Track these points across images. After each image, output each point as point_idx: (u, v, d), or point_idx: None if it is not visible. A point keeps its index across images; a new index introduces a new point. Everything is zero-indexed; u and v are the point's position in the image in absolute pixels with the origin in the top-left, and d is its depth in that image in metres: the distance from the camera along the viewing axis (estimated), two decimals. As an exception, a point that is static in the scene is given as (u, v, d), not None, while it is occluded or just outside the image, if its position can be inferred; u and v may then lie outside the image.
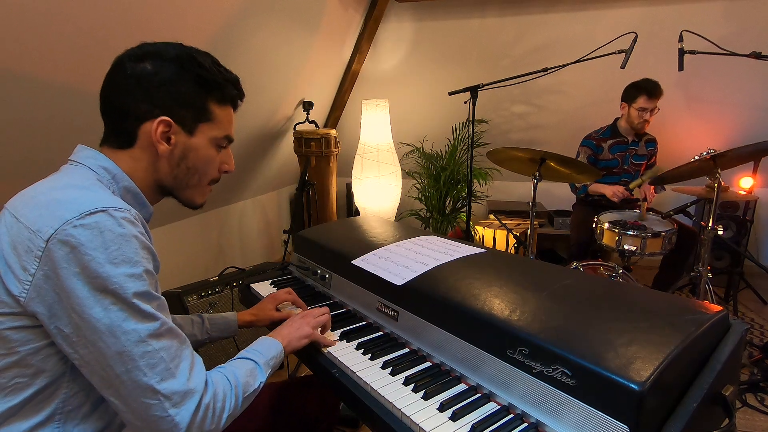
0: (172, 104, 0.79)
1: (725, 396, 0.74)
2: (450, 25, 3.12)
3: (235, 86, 0.88)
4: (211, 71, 0.83)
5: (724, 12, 2.66)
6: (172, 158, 0.82)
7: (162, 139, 0.80)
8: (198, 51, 0.84)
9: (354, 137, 3.50)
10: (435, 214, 3.61)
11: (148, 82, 0.78)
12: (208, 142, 0.85)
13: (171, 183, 0.85)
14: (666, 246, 2.12)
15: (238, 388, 0.80)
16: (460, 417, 0.79)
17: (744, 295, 3.00)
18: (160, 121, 0.78)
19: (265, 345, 0.93)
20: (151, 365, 0.68)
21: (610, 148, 2.66)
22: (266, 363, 0.88)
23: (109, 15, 1.51)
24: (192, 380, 0.71)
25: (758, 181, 3.18)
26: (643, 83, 2.46)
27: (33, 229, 0.66)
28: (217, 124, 0.85)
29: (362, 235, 1.44)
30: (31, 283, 0.66)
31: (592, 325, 0.79)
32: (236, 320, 1.19)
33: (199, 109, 0.82)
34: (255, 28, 2.22)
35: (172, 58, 0.79)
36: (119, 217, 0.68)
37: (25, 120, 1.53)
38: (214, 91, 0.83)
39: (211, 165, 0.88)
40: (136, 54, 0.79)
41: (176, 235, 2.63)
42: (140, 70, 0.78)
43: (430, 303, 0.98)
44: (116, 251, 0.67)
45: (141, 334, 0.67)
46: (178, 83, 0.79)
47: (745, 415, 1.88)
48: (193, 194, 0.89)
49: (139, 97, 0.78)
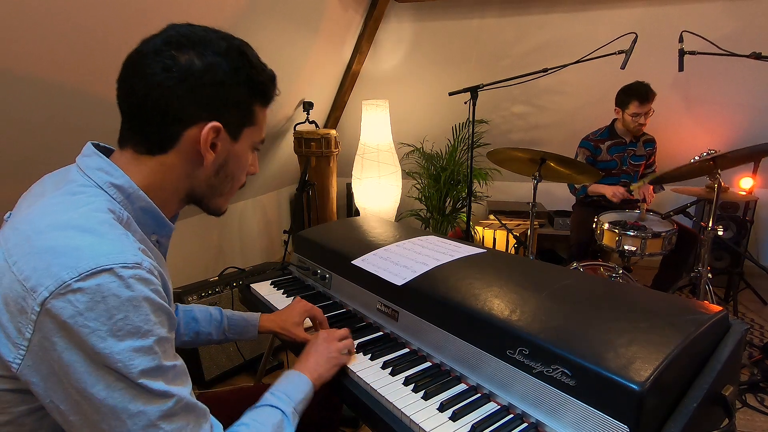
0: (222, 108, 0.69)
1: (725, 396, 0.74)
2: (450, 25, 3.12)
3: (275, 84, 0.78)
4: (259, 71, 0.73)
5: (724, 12, 2.66)
6: (213, 166, 0.73)
7: (210, 147, 0.70)
8: (244, 43, 0.73)
9: (354, 137, 3.50)
10: (435, 214, 3.61)
11: (196, 81, 0.66)
12: (248, 147, 0.76)
13: (203, 192, 0.75)
14: (666, 246, 2.12)
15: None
16: (460, 417, 0.79)
17: (744, 296, 3.00)
18: (212, 127, 0.68)
19: (292, 384, 0.84)
20: None
21: (609, 150, 2.67)
22: (294, 411, 0.80)
23: (109, 15, 1.51)
24: None
25: (758, 181, 3.18)
26: (635, 88, 2.44)
27: (26, 287, 0.56)
28: (258, 128, 0.77)
29: (362, 235, 1.44)
30: (27, 348, 0.56)
31: (592, 325, 0.79)
32: (258, 325, 1.11)
33: (245, 113, 0.73)
34: (255, 28, 2.22)
35: (222, 53, 0.68)
36: (128, 276, 0.57)
37: (24, 120, 1.53)
38: (260, 94, 0.74)
39: (245, 171, 0.79)
40: (175, 40, 0.66)
41: (176, 235, 2.60)
42: (186, 64, 0.65)
43: (430, 303, 0.98)
44: (121, 321, 0.56)
45: (150, 417, 0.58)
46: (231, 86, 0.69)
47: (745, 415, 1.88)
48: (223, 202, 0.80)
49: (185, 98, 0.66)
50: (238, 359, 2.15)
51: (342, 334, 1.00)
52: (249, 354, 2.19)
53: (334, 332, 1.00)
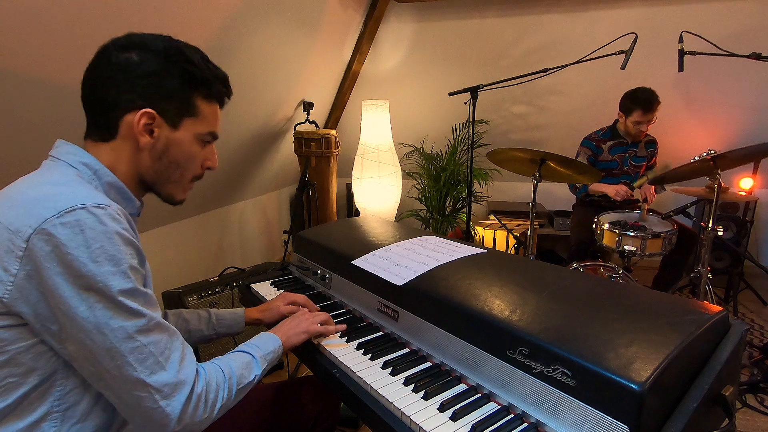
0: (157, 96, 0.78)
1: (725, 396, 0.74)
2: (450, 25, 3.13)
3: (223, 83, 0.87)
4: (199, 66, 0.81)
5: (724, 12, 2.66)
6: (154, 151, 0.81)
7: (145, 131, 0.78)
8: (187, 45, 0.82)
9: (354, 137, 3.50)
10: (435, 214, 3.61)
11: (132, 73, 0.76)
12: (192, 137, 0.84)
13: (152, 177, 0.84)
14: (666, 247, 2.12)
15: (233, 379, 0.81)
16: (461, 417, 0.79)
17: (744, 296, 3.00)
18: (144, 113, 0.77)
19: (263, 339, 0.94)
20: (140, 360, 0.68)
21: (610, 150, 2.67)
22: (263, 357, 0.89)
23: (108, 15, 1.51)
24: (182, 372, 0.72)
25: (758, 181, 3.18)
26: (640, 96, 2.42)
27: (12, 229, 0.65)
28: (202, 120, 0.84)
29: (362, 235, 1.44)
30: (14, 283, 0.65)
31: (592, 325, 0.79)
32: (244, 316, 1.18)
33: (184, 103, 0.81)
34: (255, 28, 2.22)
35: (159, 50, 0.78)
36: (100, 213, 0.67)
37: (24, 120, 1.53)
38: (200, 87, 0.82)
39: (194, 161, 0.87)
40: (121, 43, 0.77)
41: (176, 235, 2.63)
42: (125, 59, 0.76)
43: (430, 303, 0.98)
44: (98, 249, 0.66)
45: (128, 330, 0.68)
46: (164, 75, 0.78)
47: (745, 415, 1.88)
48: (174, 190, 0.88)
49: (122, 87, 0.76)
50: (238, 359, 2.15)
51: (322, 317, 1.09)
52: (249, 354, 2.19)
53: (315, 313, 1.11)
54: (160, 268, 2.50)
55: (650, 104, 2.41)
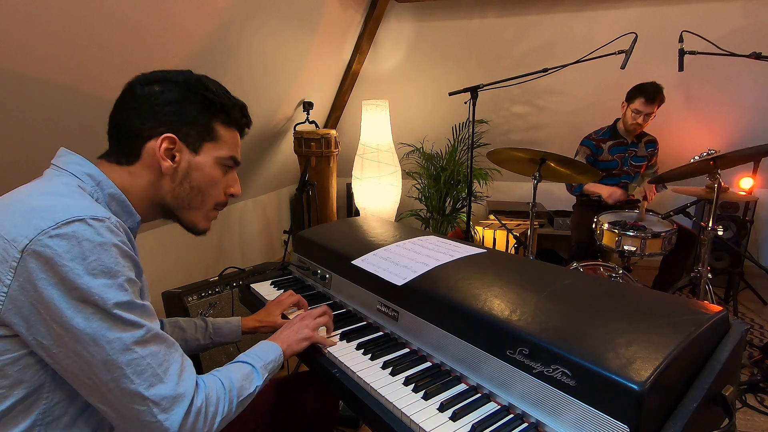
0: (178, 122, 0.81)
1: (725, 396, 0.74)
2: (450, 25, 3.12)
3: (242, 111, 0.90)
4: (217, 94, 0.85)
5: (724, 12, 2.66)
6: (175, 176, 0.83)
7: (166, 156, 0.81)
8: (207, 77, 0.87)
9: (354, 137, 3.50)
10: (435, 214, 3.61)
11: (154, 102, 0.80)
12: (213, 161, 0.86)
13: (173, 202, 0.85)
14: (666, 246, 2.12)
15: (233, 392, 0.80)
16: (460, 417, 0.79)
17: (744, 296, 3.00)
18: (165, 137, 0.80)
19: (263, 349, 0.93)
20: (138, 372, 0.67)
21: (610, 149, 2.67)
22: (263, 367, 0.89)
23: (108, 15, 1.51)
24: (181, 384, 0.71)
25: (758, 181, 3.18)
26: (646, 87, 2.45)
27: (8, 239, 0.64)
28: (222, 144, 0.87)
29: (362, 235, 1.44)
30: (6, 294, 0.64)
31: (592, 325, 0.79)
32: (240, 326, 1.18)
33: (203, 128, 0.84)
34: (255, 28, 2.22)
35: (179, 81, 0.83)
36: (98, 226, 0.67)
37: (18, 121, 1.53)
38: (219, 113, 0.86)
39: (216, 186, 0.88)
40: (146, 78, 0.82)
41: (176, 235, 2.62)
42: (148, 91, 0.81)
43: (430, 303, 0.98)
44: (95, 261, 0.65)
45: (125, 341, 0.67)
46: (184, 103, 0.82)
47: (745, 415, 1.88)
48: (196, 217, 0.89)
49: (145, 115, 0.80)
50: (238, 359, 2.15)
51: (319, 312, 1.09)
52: (249, 354, 2.19)
53: (312, 312, 1.09)
54: (160, 268, 2.50)
55: (653, 95, 2.42)
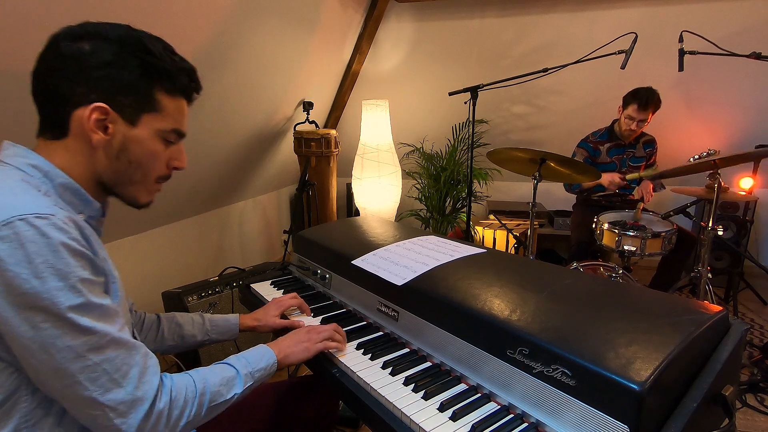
0: (111, 90, 0.71)
1: (725, 396, 0.74)
2: (450, 25, 3.12)
3: (190, 76, 0.80)
4: (160, 57, 0.74)
5: (724, 12, 2.66)
6: (110, 150, 0.74)
7: (97, 127, 0.72)
8: (148, 35, 0.75)
9: (354, 137, 3.50)
10: (435, 214, 3.61)
11: (84, 64, 0.70)
12: (152, 134, 0.77)
13: (111, 178, 0.77)
14: (666, 246, 2.12)
15: (205, 396, 0.76)
16: (460, 417, 0.79)
17: (744, 296, 3.00)
18: (95, 107, 0.71)
19: (256, 354, 0.89)
20: (92, 379, 0.64)
21: (608, 152, 2.67)
22: (249, 374, 0.84)
23: (107, 15, 1.51)
24: (141, 388, 0.68)
25: (758, 181, 3.18)
26: (640, 93, 2.44)
27: None
28: (165, 116, 0.77)
29: (362, 235, 1.44)
30: None
31: (592, 325, 0.79)
32: (238, 324, 1.17)
33: (143, 98, 0.74)
34: (254, 28, 2.22)
35: (114, 39, 0.71)
36: (41, 224, 0.62)
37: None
38: (162, 80, 0.75)
39: (157, 160, 0.79)
40: (74, 32, 0.71)
41: (176, 235, 2.63)
42: (77, 49, 0.70)
43: (430, 303, 0.98)
44: (42, 264, 0.61)
45: (77, 350, 0.63)
46: (120, 67, 0.71)
47: (745, 415, 1.88)
48: (136, 192, 0.81)
49: (73, 79, 0.70)
50: (238, 359, 2.15)
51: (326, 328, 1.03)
52: (249, 354, 2.19)
53: (319, 326, 1.04)
54: (160, 268, 2.50)
55: (645, 101, 2.41)
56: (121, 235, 2.23)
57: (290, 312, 1.23)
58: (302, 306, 1.23)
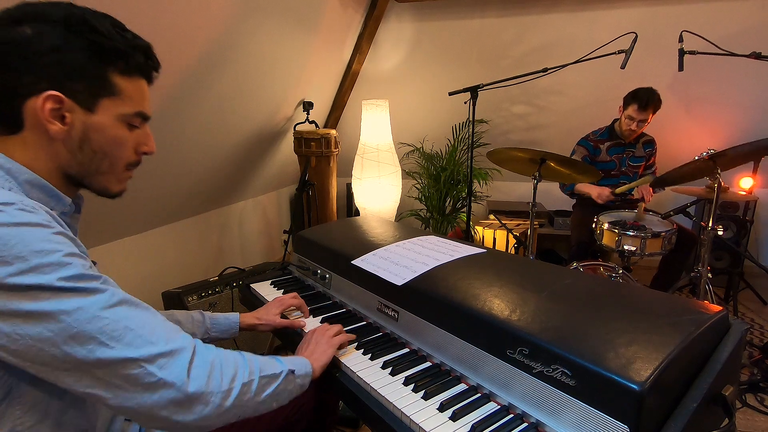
0: (62, 76, 0.66)
1: (725, 396, 0.74)
2: (450, 25, 3.12)
3: (146, 54, 0.74)
4: (109, 36, 0.69)
5: (724, 12, 2.66)
6: (70, 141, 0.69)
7: (53, 118, 0.67)
8: (93, 12, 0.70)
9: (354, 137, 3.50)
10: (435, 214, 3.61)
11: (28, 50, 0.64)
12: (114, 120, 0.72)
13: (77, 170, 0.72)
14: (666, 246, 2.12)
15: (254, 363, 0.75)
16: (460, 417, 0.79)
17: (744, 296, 3.00)
18: (48, 96, 0.65)
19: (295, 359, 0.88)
20: (116, 337, 0.60)
21: (608, 150, 2.67)
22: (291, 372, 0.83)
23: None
24: (173, 342, 0.65)
25: (758, 181, 3.18)
26: (641, 93, 2.44)
27: None
28: (125, 99, 0.72)
29: (362, 235, 1.44)
30: None
31: (592, 325, 0.79)
32: (238, 322, 1.17)
33: (96, 81, 0.69)
34: (254, 28, 2.22)
35: (57, 20, 0.66)
36: (10, 210, 0.59)
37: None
38: (115, 60, 0.70)
39: (123, 146, 0.74)
40: (12, 16, 0.65)
41: (176, 235, 2.63)
42: (18, 35, 0.64)
43: (430, 303, 0.98)
44: (19, 245, 0.57)
45: (89, 310, 0.60)
46: (67, 50, 0.66)
47: (745, 415, 1.88)
48: (106, 181, 0.76)
49: (18, 68, 0.64)
50: (238, 359, 2.15)
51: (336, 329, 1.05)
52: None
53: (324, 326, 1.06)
54: (160, 268, 2.50)
55: (645, 102, 2.41)
56: (121, 235, 2.23)
57: (290, 312, 1.23)
58: (302, 307, 1.23)
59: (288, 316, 1.21)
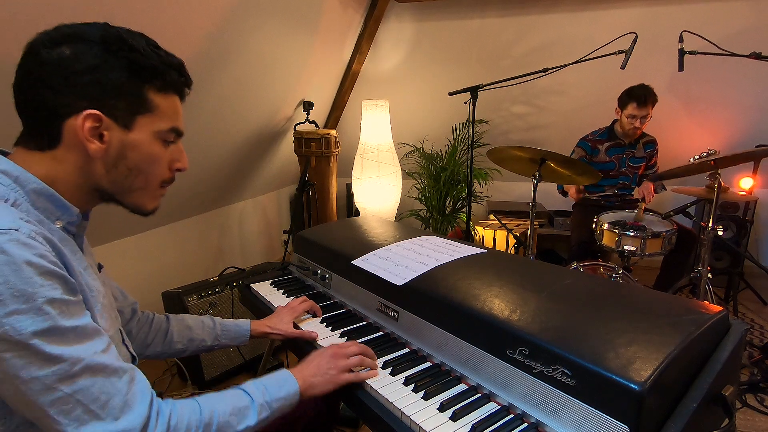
0: (101, 95, 0.67)
1: (725, 396, 0.74)
2: (450, 25, 3.12)
3: (179, 71, 0.76)
4: (146, 54, 0.70)
5: (724, 12, 2.66)
6: (107, 158, 0.70)
7: (92, 136, 0.68)
8: (129, 31, 0.71)
9: (354, 137, 3.50)
10: (435, 214, 3.61)
11: (68, 70, 0.65)
12: (150, 137, 0.73)
13: (111, 188, 0.73)
14: (666, 246, 2.12)
15: (211, 426, 0.69)
16: (461, 417, 0.79)
17: (744, 296, 3.00)
18: (87, 115, 0.66)
19: (276, 382, 0.81)
20: (65, 412, 0.58)
21: (607, 151, 2.66)
22: (266, 404, 0.77)
23: (106, 16, 1.51)
24: (125, 419, 0.62)
25: (758, 181, 3.17)
26: (636, 90, 2.45)
27: None
28: (160, 116, 0.73)
29: (362, 235, 1.44)
30: None
31: (592, 325, 0.79)
32: (249, 329, 1.14)
33: (134, 100, 0.70)
34: (254, 28, 2.22)
35: (95, 40, 0.67)
36: (2, 242, 0.56)
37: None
38: (151, 78, 0.71)
39: (158, 164, 0.75)
40: (51, 37, 0.66)
41: (176, 235, 2.63)
42: (57, 55, 0.65)
43: (430, 303, 0.98)
44: (2, 286, 0.55)
45: (46, 381, 0.57)
46: (106, 69, 0.67)
47: (745, 415, 1.88)
48: (140, 199, 0.77)
49: (58, 88, 0.65)
50: (238, 359, 2.15)
51: (356, 350, 0.94)
52: (249, 354, 2.19)
53: (346, 347, 0.94)
54: (160, 268, 2.50)
55: (644, 98, 2.42)
56: (121, 235, 2.23)
57: (302, 319, 1.20)
58: (313, 308, 1.21)
59: (299, 324, 1.18)
